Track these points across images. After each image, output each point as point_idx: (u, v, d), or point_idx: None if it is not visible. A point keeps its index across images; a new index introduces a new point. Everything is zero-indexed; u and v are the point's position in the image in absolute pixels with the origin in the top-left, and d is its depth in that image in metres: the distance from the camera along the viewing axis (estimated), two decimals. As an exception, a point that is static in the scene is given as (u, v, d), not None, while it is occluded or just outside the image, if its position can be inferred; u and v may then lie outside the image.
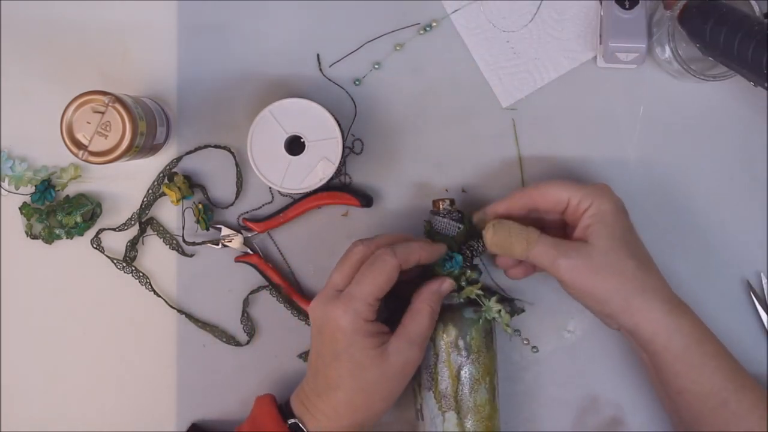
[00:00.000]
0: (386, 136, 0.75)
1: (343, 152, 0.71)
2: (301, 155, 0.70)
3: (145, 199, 0.74)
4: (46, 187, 0.74)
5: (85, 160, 0.65)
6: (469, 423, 0.67)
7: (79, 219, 0.73)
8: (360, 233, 0.75)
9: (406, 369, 0.65)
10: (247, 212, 0.75)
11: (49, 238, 0.74)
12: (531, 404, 0.75)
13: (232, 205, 0.75)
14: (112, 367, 0.75)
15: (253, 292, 0.75)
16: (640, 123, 0.75)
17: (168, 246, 0.75)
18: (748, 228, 0.75)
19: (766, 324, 0.74)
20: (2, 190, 0.75)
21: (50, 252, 0.75)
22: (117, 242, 0.75)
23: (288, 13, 0.75)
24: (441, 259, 0.68)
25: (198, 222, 0.74)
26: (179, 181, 0.73)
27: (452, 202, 0.71)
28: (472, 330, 0.68)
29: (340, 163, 0.71)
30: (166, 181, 0.74)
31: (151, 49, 0.75)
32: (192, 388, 0.75)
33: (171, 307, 0.75)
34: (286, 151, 0.70)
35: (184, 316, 0.75)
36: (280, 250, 0.75)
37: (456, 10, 0.75)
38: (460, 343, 0.67)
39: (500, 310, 0.68)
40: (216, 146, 0.75)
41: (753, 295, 0.74)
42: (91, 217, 0.74)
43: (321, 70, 0.75)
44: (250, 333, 0.75)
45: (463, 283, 0.69)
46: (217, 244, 0.75)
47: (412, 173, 0.75)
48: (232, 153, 0.75)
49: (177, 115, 0.75)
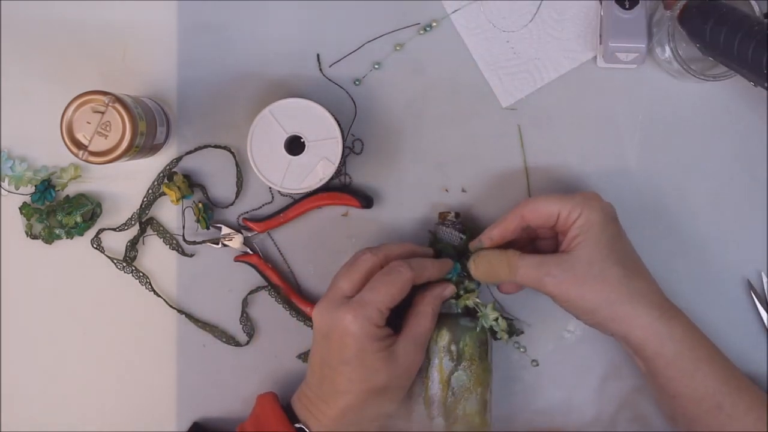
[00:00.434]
0: (386, 136, 0.75)
1: (343, 152, 0.71)
2: (301, 155, 0.70)
3: (145, 199, 0.74)
4: (46, 187, 0.74)
5: (85, 160, 0.65)
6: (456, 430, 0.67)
7: (79, 219, 0.73)
8: (360, 233, 0.75)
9: (412, 369, 0.65)
10: (247, 212, 0.75)
11: (49, 238, 0.74)
12: (531, 404, 0.75)
13: (232, 204, 0.75)
14: (112, 367, 0.75)
15: (252, 293, 0.75)
16: (640, 123, 0.75)
17: (168, 246, 0.75)
18: (748, 228, 0.75)
19: (767, 323, 0.74)
20: (2, 190, 0.75)
21: (50, 252, 0.75)
22: (117, 242, 0.75)
23: (288, 13, 0.75)
24: None
25: (198, 221, 0.74)
26: (179, 180, 0.73)
27: (457, 214, 0.72)
28: (466, 337, 0.68)
29: (340, 163, 0.71)
30: (165, 180, 0.74)
31: (151, 49, 0.75)
32: (192, 388, 0.75)
33: (171, 307, 0.75)
34: (286, 151, 0.70)
35: (184, 316, 0.75)
36: (280, 250, 0.75)
37: (456, 10, 0.75)
38: (453, 348, 0.68)
39: (497, 318, 0.69)
40: (216, 146, 0.75)
41: (753, 294, 0.74)
42: (91, 217, 0.74)
43: (321, 70, 0.75)
44: (250, 333, 0.75)
45: (461, 292, 0.69)
46: (217, 244, 0.75)
47: (412, 173, 0.75)
48: (232, 153, 0.75)
49: (177, 115, 0.75)
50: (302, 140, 0.70)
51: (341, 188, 0.75)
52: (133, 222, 0.75)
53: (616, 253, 0.65)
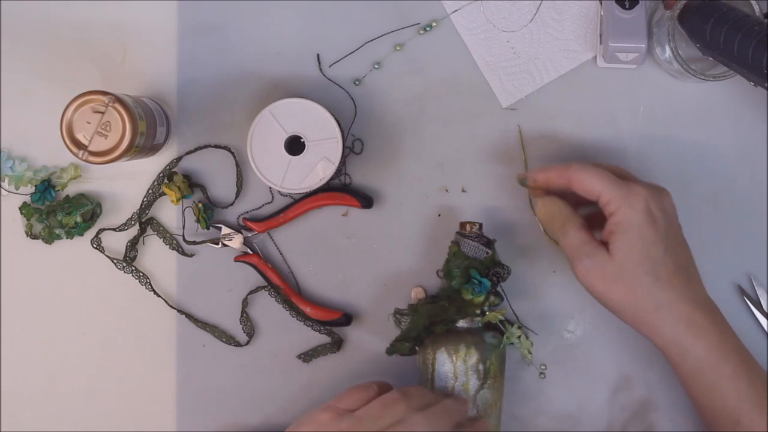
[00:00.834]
0: (386, 136, 0.75)
1: (343, 152, 0.71)
2: (301, 155, 0.70)
3: (145, 199, 0.74)
4: (46, 187, 0.74)
5: (85, 160, 0.65)
6: None
7: (79, 219, 0.73)
8: (360, 233, 0.75)
9: None
10: (247, 212, 0.75)
11: (49, 238, 0.74)
12: (531, 404, 0.75)
13: (232, 204, 0.75)
14: (112, 367, 0.75)
15: (252, 293, 0.75)
16: (640, 123, 0.75)
17: (168, 246, 0.75)
18: (748, 228, 0.75)
19: (766, 327, 0.74)
20: (2, 190, 0.75)
21: (50, 252, 0.75)
22: (117, 242, 0.75)
23: (288, 13, 0.75)
24: (470, 284, 0.69)
25: (198, 221, 0.74)
26: (179, 180, 0.73)
27: (480, 226, 0.71)
28: (492, 355, 0.68)
29: (340, 163, 0.71)
30: (165, 180, 0.74)
31: (151, 49, 0.75)
32: (192, 388, 0.75)
33: (171, 307, 0.75)
34: (286, 151, 0.70)
35: (184, 316, 0.75)
36: (279, 250, 0.75)
37: (456, 10, 0.75)
38: (480, 367, 0.68)
39: (521, 336, 0.70)
40: (216, 146, 0.75)
41: (747, 299, 0.74)
42: (91, 217, 0.74)
43: (321, 70, 0.75)
44: (250, 333, 0.75)
45: (486, 309, 0.69)
46: (217, 243, 0.75)
47: (412, 173, 0.75)
48: (232, 153, 0.75)
49: (177, 115, 0.75)
50: (302, 140, 0.70)
51: (341, 188, 0.75)
52: (133, 222, 0.75)
53: (649, 260, 0.63)
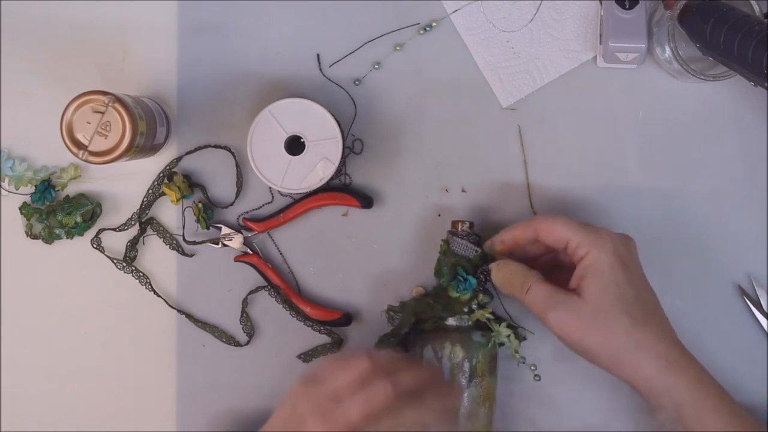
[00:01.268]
0: (386, 136, 0.75)
1: (343, 152, 0.71)
2: (301, 155, 0.70)
3: (145, 199, 0.74)
4: (46, 187, 0.74)
5: (85, 160, 0.65)
6: None
7: (79, 219, 0.73)
8: (360, 233, 0.75)
9: None
10: (247, 212, 0.75)
11: (49, 238, 0.74)
12: (531, 404, 0.75)
13: (231, 204, 0.75)
14: (112, 366, 0.75)
15: (252, 293, 0.75)
16: (640, 123, 0.75)
17: (168, 246, 0.75)
18: (748, 228, 0.75)
19: (766, 327, 0.74)
20: (2, 190, 0.75)
21: (50, 252, 0.75)
22: (117, 242, 0.75)
23: (288, 13, 0.75)
24: (455, 281, 0.69)
25: (198, 221, 0.74)
26: (179, 180, 0.73)
27: (471, 224, 0.71)
28: (479, 354, 0.68)
29: (340, 163, 0.71)
30: (165, 180, 0.74)
31: (151, 49, 0.75)
32: (192, 388, 0.75)
33: (171, 307, 0.75)
34: (286, 151, 0.70)
35: (184, 316, 0.75)
36: (280, 250, 0.75)
37: (456, 10, 0.75)
38: (466, 365, 0.67)
39: (510, 335, 0.69)
40: (216, 146, 0.75)
41: (747, 299, 0.74)
42: (91, 217, 0.74)
43: (321, 70, 0.75)
44: (250, 333, 0.75)
45: (474, 306, 0.69)
46: (217, 243, 0.75)
47: (412, 173, 0.75)
48: (232, 153, 0.75)
49: (177, 115, 0.75)
50: (302, 140, 0.70)
51: (341, 188, 0.75)
52: (133, 222, 0.75)
53: (624, 301, 0.63)
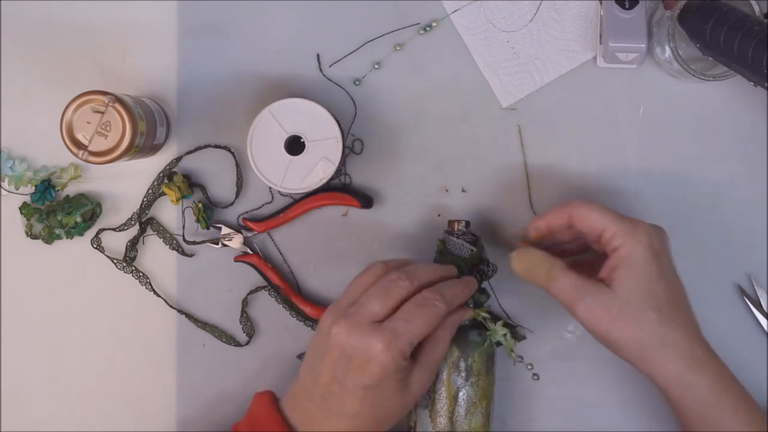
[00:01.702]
0: (386, 136, 0.75)
1: (343, 152, 0.71)
2: (301, 155, 0.70)
3: (145, 199, 0.74)
4: (46, 187, 0.74)
5: (85, 160, 0.65)
6: None
7: (79, 219, 0.73)
8: (360, 233, 0.75)
9: (420, 394, 0.64)
10: (247, 212, 0.75)
11: (49, 238, 0.74)
12: (531, 404, 0.75)
13: (232, 204, 0.75)
14: (112, 366, 0.75)
15: (252, 293, 0.75)
16: (640, 123, 0.75)
17: (168, 246, 0.75)
18: (748, 228, 0.75)
19: (765, 326, 0.74)
20: (2, 190, 0.75)
21: (50, 252, 0.75)
22: (117, 242, 0.75)
23: (288, 13, 0.75)
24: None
25: (198, 221, 0.74)
26: (178, 180, 0.73)
27: (467, 223, 0.71)
28: (475, 353, 0.68)
29: (340, 163, 0.71)
30: (165, 180, 0.74)
31: (151, 49, 0.75)
32: (192, 388, 0.75)
33: (171, 307, 0.75)
34: (286, 151, 0.70)
35: (184, 316, 0.75)
36: (279, 250, 0.75)
37: (456, 10, 0.75)
38: (462, 364, 0.67)
39: (506, 334, 0.69)
40: (216, 146, 0.75)
41: (747, 299, 0.74)
42: (91, 217, 0.74)
43: (321, 70, 0.75)
44: (250, 333, 0.75)
45: (470, 305, 0.69)
46: (217, 243, 0.75)
47: (412, 173, 0.75)
48: (232, 153, 0.75)
49: (177, 115, 0.75)
50: (302, 140, 0.70)
51: (341, 188, 0.75)
52: (133, 222, 0.75)
53: (654, 296, 0.62)
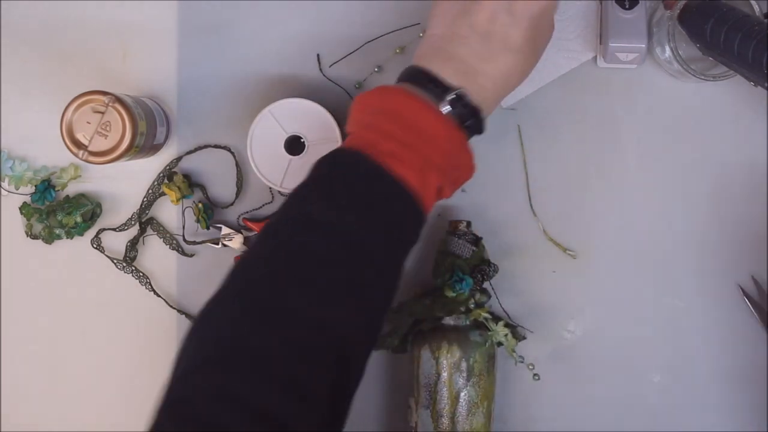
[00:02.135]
0: (386, 136, 0.75)
1: (343, 152, 0.71)
2: (301, 155, 0.70)
3: (145, 199, 0.74)
4: (46, 187, 0.74)
5: (85, 160, 0.65)
6: None
7: (79, 219, 0.73)
8: (360, 233, 0.75)
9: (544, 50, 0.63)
10: (247, 212, 0.75)
11: (49, 238, 0.74)
12: (531, 404, 0.75)
13: (232, 204, 0.75)
14: (113, 367, 0.75)
15: (253, 292, 0.75)
16: (640, 123, 0.75)
17: (168, 246, 0.75)
18: (748, 228, 0.75)
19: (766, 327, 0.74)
20: (2, 190, 0.75)
21: (50, 252, 0.75)
22: (117, 242, 0.75)
23: (288, 13, 0.75)
24: (452, 280, 0.69)
25: (198, 221, 0.74)
26: (178, 180, 0.73)
27: (468, 224, 0.71)
28: (476, 353, 0.68)
29: (340, 163, 0.71)
30: (165, 180, 0.74)
31: (151, 49, 0.75)
32: (192, 388, 0.75)
33: (171, 307, 0.75)
34: (286, 151, 0.70)
35: (184, 316, 0.75)
36: (280, 250, 0.75)
37: (456, 10, 0.75)
38: (463, 365, 0.68)
39: (507, 335, 0.69)
40: (216, 146, 0.75)
41: (747, 300, 0.74)
42: (91, 217, 0.74)
43: (321, 70, 0.75)
44: (250, 333, 0.75)
45: (471, 306, 0.69)
46: (218, 243, 0.75)
47: (412, 173, 0.75)
48: (232, 153, 0.75)
49: (177, 115, 0.75)
50: (302, 140, 0.70)
51: (341, 188, 0.74)
52: (133, 222, 0.75)
53: None
